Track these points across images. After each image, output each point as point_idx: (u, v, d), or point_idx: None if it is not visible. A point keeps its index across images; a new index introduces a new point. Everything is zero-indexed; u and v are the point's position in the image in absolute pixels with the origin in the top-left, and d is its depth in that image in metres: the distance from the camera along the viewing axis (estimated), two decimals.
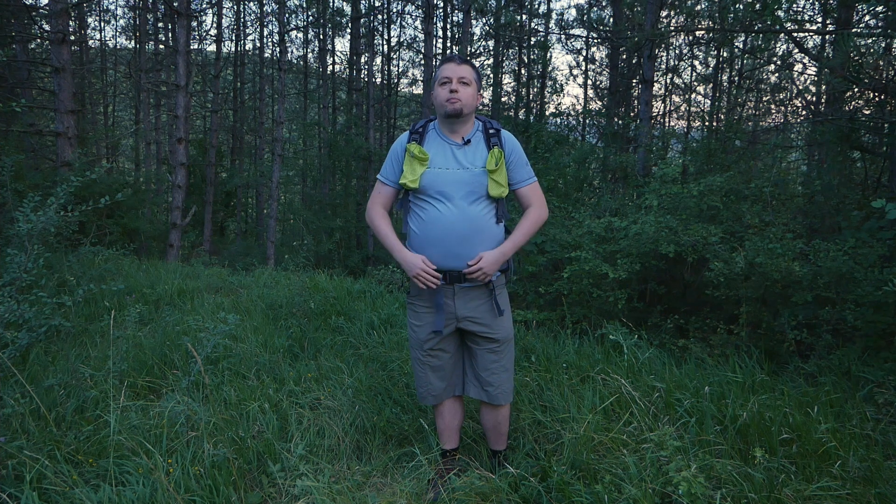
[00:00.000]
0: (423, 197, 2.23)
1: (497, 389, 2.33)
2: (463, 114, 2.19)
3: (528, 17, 18.48)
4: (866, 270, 3.68)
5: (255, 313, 4.74)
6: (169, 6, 13.33)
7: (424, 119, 2.37)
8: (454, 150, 2.23)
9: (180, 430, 2.56)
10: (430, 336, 2.32)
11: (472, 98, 2.21)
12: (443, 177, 2.19)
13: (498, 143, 2.24)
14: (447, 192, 2.18)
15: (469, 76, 2.20)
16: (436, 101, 2.23)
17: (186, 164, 11.61)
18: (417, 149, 2.21)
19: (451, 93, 2.16)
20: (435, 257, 2.22)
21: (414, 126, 2.34)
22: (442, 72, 2.21)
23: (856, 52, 4.83)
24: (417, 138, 2.27)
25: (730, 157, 7.22)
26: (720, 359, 3.54)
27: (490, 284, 2.27)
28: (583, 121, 15.10)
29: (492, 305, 2.28)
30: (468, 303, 2.27)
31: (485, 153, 2.22)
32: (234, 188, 22.12)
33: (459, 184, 2.18)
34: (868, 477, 2.20)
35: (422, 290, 2.31)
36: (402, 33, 37.37)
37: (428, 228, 2.21)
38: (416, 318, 2.36)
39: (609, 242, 4.99)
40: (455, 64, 2.20)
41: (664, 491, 2.05)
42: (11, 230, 4.24)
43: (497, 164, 2.19)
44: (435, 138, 2.27)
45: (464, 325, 2.29)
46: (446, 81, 2.19)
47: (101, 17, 22.00)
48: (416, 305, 2.36)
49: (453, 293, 2.26)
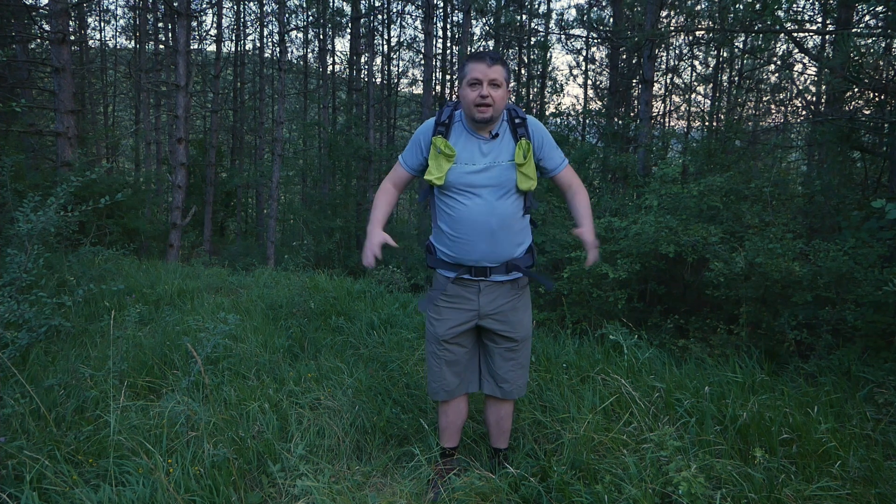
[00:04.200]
0: (449, 193, 2.17)
1: (512, 385, 2.33)
2: (493, 120, 2.11)
3: (528, 17, 18.48)
4: (866, 270, 3.68)
5: (255, 313, 4.74)
6: (169, 6, 13.33)
7: (450, 107, 2.24)
8: (481, 145, 2.15)
9: (180, 430, 2.56)
10: (449, 330, 2.28)
11: (502, 101, 2.11)
12: (470, 173, 2.13)
13: (525, 133, 2.16)
14: (475, 189, 2.12)
15: (500, 77, 2.07)
16: (463, 101, 2.11)
17: (186, 164, 11.61)
18: (444, 143, 2.13)
19: (482, 98, 2.05)
20: (463, 253, 2.18)
21: (440, 116, 2.21)
22: (472, 72, 2.07)
23: (856, 52, 4.83)
24: (443, 131, 2.17)
25: (730, 157, 7.22)
26: (720, 359, 3.54)
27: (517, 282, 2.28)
28: (583, 121, 15.08)
29: (514, 304, 2.28)
30: (494, 300, 2.24)
31: (512, 146, 2.15)
32: (234, 188, 22.13)
33: (487, 179, 2.12)
34: (868, 477, 2.20)
35: (446, 283, 2.28)
36: (402, 33, 37.35)
37: (457, 225, 2.16)
38: (436, 312, 2.31)
39: (609, 242, 5.00)
40: (486, 65, 2.05)
41: (664, 491, 2.05)
42: (11, 230, 4.24)
43: (525, 156, 2.12)
44: (461, 132, 2.18)
45: (485, 322, 2.27)
46: (476, 84, 2.06)
47: (101, 17, 22.03)
48: (437, 299, 2.30)
49: (478, 289, 2.24)
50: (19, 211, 4.02)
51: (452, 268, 2.25)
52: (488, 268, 2.20)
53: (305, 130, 21.31)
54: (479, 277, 2.22)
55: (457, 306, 2.27)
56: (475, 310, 2.25)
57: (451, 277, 2.25)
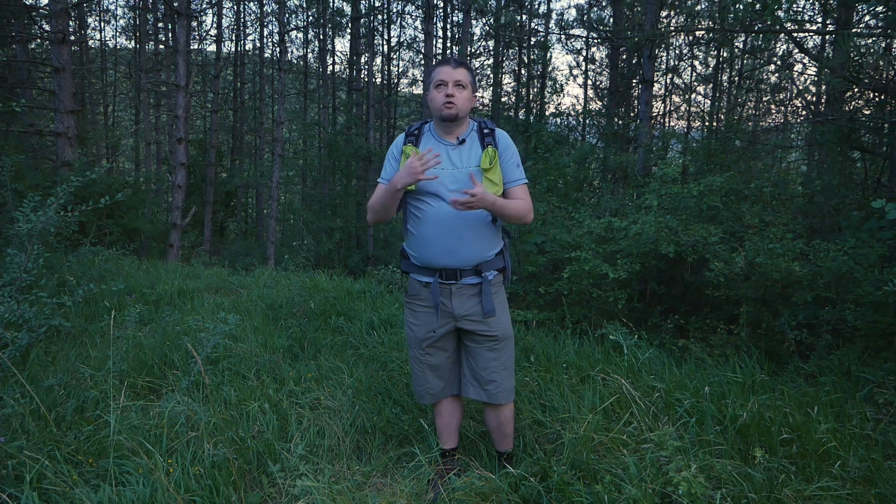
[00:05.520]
0: (418, 197, 2.24)
1: (497, 387, 2.32)
2: (458, 118, 2.21)
3: (528, 17, 18.49)
4: (866, 270, 3.68)
5: (255, 313, 4.74)
6: (169, 6, 13.33)
7: (420, 121, 2.38)
8: (449, 151, 2.24)
9: (180, 430, 2.56)
10: (428, 334, 2.32)
11: (467, 101, 2.22)
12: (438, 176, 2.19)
13: (492, 142, 2.26)
14: (442, 192, 2.19)
15: (465, 79, 2.21)
16: (431, 104, 2.24)
17: (186, 164, 11.61)
18: (413, 150, 2.23)
19: (447, 97, 2.17)
20: (431, 256, 2.23)
21: (409, 128, 2.36)
22: (437, 75, 2.22)
23: (856, 52, 4.83)
24: (413, 140, 2.29)
25: (730, 157, 7.22)
26: (720, 359, 3.54)
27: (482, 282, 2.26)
28: (583, 121, 15.09)
29: (489, 303, 2.27)
30: (465, 301, 2.27)
31: (479, 152, 2.24)
32: (234, 188, 22.12)
33: (454, 183, 2.19)
34: (868, 477, 2.20)
35: (420, 288, 2.31)
36: (402, 33, 37.32)
37: (424, 227, 2.22)
38: (414, 317, 2.37)
39: (609, 242, 5.00)
40: (451, 67, 2.20)
41: (664, 491, 2.05)
42: (11, 230, 4.24)
43: (491, 162, 2.20)
44: (430, 140, 2.29)
45: (462, 324, 2.29)
46: (441, 85, 2.20)
47: (101, 17, 22.01)
48: (414, 304, 2.37)
49: (450, 292, 2.27)
50: (19, 211, 4.03)
51: (424, 272, 2.30)
52: (458, 271, 2.24)
53: (305, 130, 21.31)
54: (449, 281, 2.25)
55: (432, 310, 2.30)
56: (449, 312, 2.28)
57: (423, 282, 2.31)
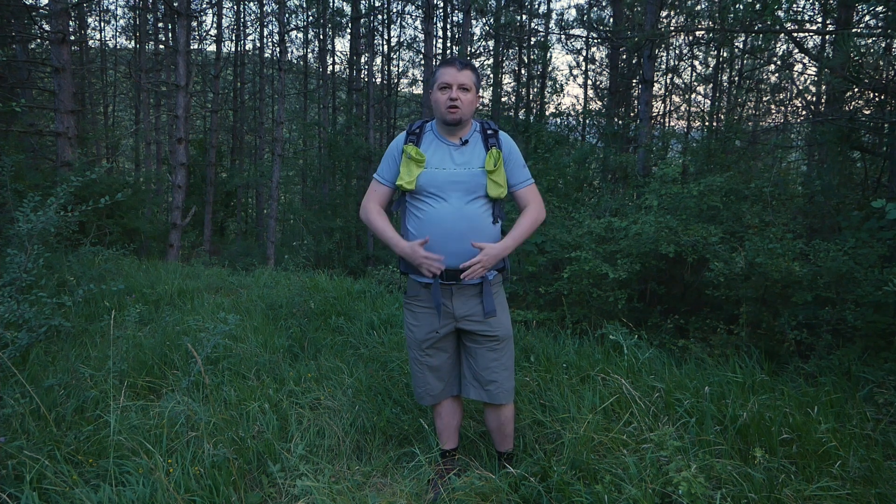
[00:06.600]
0: (419, 196, 2.23)
1: (498, 388, 2.31)
2: (462, 121, 2.20)
3: (528, 17, 18.49)
4: (866, 270, 3.68)
5: (255, 313, 4.74)
6: (169, 6, 13.33)
7: (421, 120, 2.37)
8: (451, 151, 2.23)
9: (180, 430, 2.56)
10: (428, 335, 2.32)
11: (471, 104, 2.21)
12: (440, 176, 2.19)
13: (496, 143, 2.25)
14: (444, 191, 2.18)
15: (469, 81, 2.19)
16: (435, 105, 2.23)
17: (186, 164, 11.61)
18: (414, 150, 2.21)
19: (451, 101, 2.15)
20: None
21: (411, 127, 2.33)
22: (441, 76, 2.20)
23: (856, 52, 4.83)
24: (414, 139, 2.27)
25: (730, 157, 7.22)
26: (720, 359, 3.54)
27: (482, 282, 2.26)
28: (583, 121, 15.10)
29: (490, 303, 2.27)
30: (466, 302, 2.26)
31: (483, 153, 2.23)
32: (234, 188, 22.12)
33: (456, 182, 2.18)
34: (868, 477, 2.20)
35: (419, 288, 2.31)
36: (402, 33, 37.30)
37: (425, 227, 2.20)
38: (414, 318, 2.36)
39: (609, 242, 4.99)
40: (455, 69, 2.17)
41: (664, 491, 2.05)
42: (11, 230, 4.24)
43: (496, 164, 2.19)
44: (432, 140, 2.27)
45: (463, 324, 2.29)
46: (446, 87, 2.18)
47: (101, 17, 22.01)
48: (414, 305, 2.36)
49: (451, 293, 2.26)
50: (19, 211, 4.03)
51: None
52: (459, 270, 2.21)
53: (305, 130, 21.32)
54: (450, 282, 2.23)
55: (433, 311, 2.29)
56: (450, 313, 2.27)
57: (423, 283, 2.29)
